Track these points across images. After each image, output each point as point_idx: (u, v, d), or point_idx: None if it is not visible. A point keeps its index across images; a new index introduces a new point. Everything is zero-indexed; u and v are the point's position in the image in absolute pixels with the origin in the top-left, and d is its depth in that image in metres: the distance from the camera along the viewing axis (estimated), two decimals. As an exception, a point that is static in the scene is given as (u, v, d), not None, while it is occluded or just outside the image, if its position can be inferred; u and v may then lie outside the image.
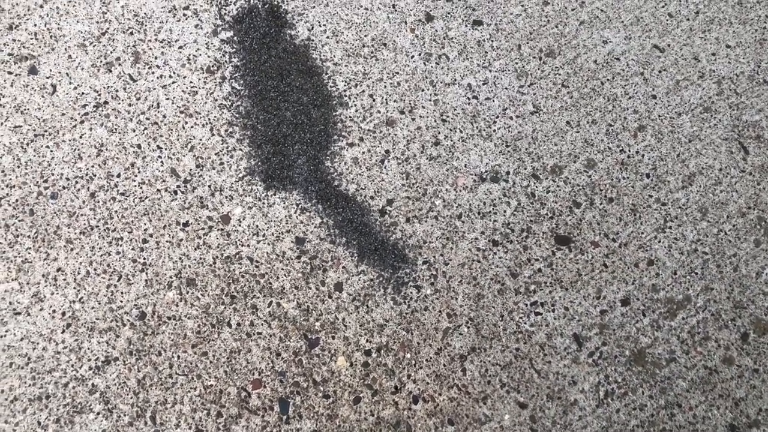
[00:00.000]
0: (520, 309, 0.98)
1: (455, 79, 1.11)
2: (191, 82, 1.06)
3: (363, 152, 1.05)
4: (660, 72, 1.16)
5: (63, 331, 0.91)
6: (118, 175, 0.99)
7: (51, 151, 0.99)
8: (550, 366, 0.96)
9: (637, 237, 1.04)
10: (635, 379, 0.97)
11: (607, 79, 1.14)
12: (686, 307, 1.01)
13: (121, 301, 0.93)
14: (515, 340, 0.97)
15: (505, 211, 1.04)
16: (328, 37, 1.11)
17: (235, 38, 1.09)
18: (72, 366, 0.90)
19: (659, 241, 1.04)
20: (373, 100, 1.08)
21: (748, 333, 1.00)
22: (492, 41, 1.14)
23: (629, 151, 1.10)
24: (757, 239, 1.06)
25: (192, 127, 1.03)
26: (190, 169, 1.01)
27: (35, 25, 1.06)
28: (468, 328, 0.97)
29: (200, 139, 1.03)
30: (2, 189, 0.96)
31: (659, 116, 1.12)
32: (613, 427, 0.94)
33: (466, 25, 1.15)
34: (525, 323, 0.98)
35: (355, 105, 1.08)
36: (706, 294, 1.02)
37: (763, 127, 1.13)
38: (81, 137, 1.00)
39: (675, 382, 0.97)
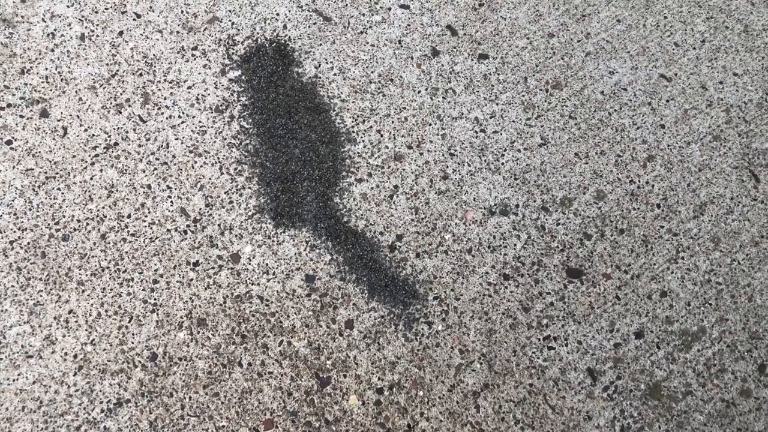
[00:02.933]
0: (533, 344, 0.98)
1: (462, 113, 1.12)
2: (200, 121, 1.07)
3: (372, 188, 1.05)
4: (668, 101, 1.16)
5: (75, 374, 0.91)
6: (129, 216, 1.00)
7: (62, 193, 0.99)
8: (564, 401, 0.95)
9: (649, 268, 1.04)
10: (651, 414, 0.95)
11: (615, 110, 1.14)
12: (701, 338, 1.00)
13: (133, 343, 0.93)
14: (528, 375, 0.96)
15: (515, 245, 1.03)
16: (335, 74, 1.12)
17: (243, 77, 1.10)
18: (84, 409, 0.89)
19: (672, 272, 1.03)
20: (381, 136, 1.09)
21: (766, 364, 0.99)
22: (498, 74, 1.15)
23: (639, 181, 1.09)
24: (771, 268, 1.05)
25: (201, 166, 1.04)
26: (200, 209, 1.01)
27: (46, 68, 1.07)
28: (480, 364, 0.96)
29: (209, 178, 1.03)
30: (14, 232, 0.97)
31: (668, 146, 1.12)
32: (630, 462, 0.93)
33: (472, 59, 1.15)
34: (538, 358, 0.97)
35: (363, 141, 1.08)
36: (721, 325, 1.01)
37: (773, 155, 1.13)
38: (92, 179, 1.01)
39: (692, 416, 0.96)
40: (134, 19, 1.12)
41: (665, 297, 1.02)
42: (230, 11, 1.14)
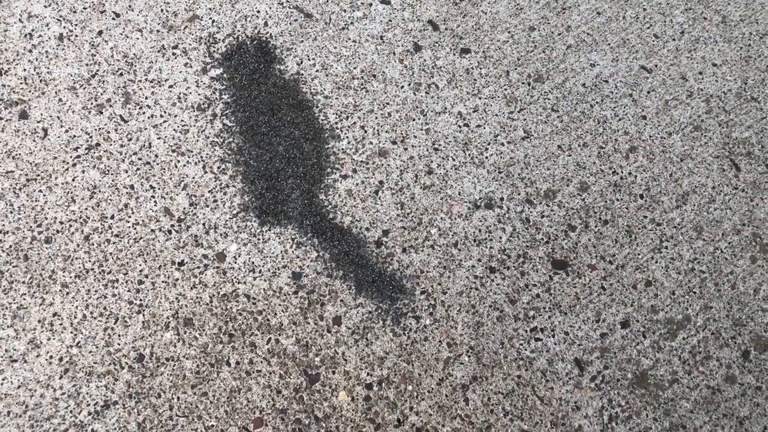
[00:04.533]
0: (520, 335, 0.98)
1: (446, 108, 1.12)
2: (182, 120, 1.06)
3: (357, 184, 1.05)
4: (648, 93, 1.16)
5: (61, 377, 0.90)
6: (112, 217, 0.99)
7: (44, 195, 0.98)
8: (552, 392, 0.95)
9: (633, 258, 1.04)
10: (639, 402, 0.96)
11: (597, 102, 1.15)
12: (686, 327, 1.01)
13: (119, 344, 0.92)
14: (516, 367, 0.96)
15: (500, 238, 1.04)
16: (317, 71, 1.12)
17: (224, 75, 1.10)
18: (71, 412, 0.88)
19: (656, 262, 1.04)
20: (365, 132, 1.09)
21: (749, 350, 1.00)
22: (480, 69, 1.15)
23: (622, 172, 1.10)
24: (753, 256, 1.06)
25: (184, 165, 1.03)
26: (184, 208, 1.01)
27: (25, 69, 1.06)
28: (469, 357, 0.96)
29: (193, 177, 1.02)
30: (-4, 235, 0.96)
31: (650, 137, 1.13)
32: (618, 451, 0.94)
33: (454, 54, 1.16)
34: (526, 350, 0.97)
35: (347, 137, 1.08)
36: (705, 313, 1.02)
37: (753, 144, 1.14)
38: (74, 180, 1.00)
39: (678, 404, 0.96)
40: (113, 19, 1.11)
41: (650, 286, 1.03)
42: (210, 9, 1.13)
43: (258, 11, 1.15)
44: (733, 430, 0.96)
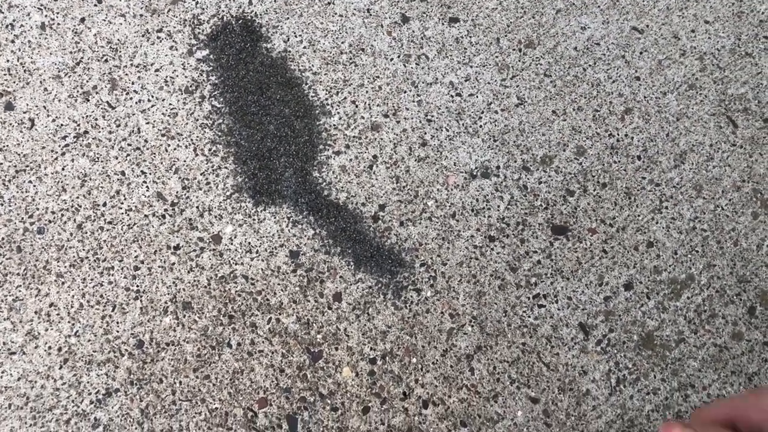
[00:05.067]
0: (523, 303, 0.97)
1: (437, 78, 1.10)
2: (170, 104, 1.05)
3: (350, 159, 1.04)
4: (641, 53, 1.15)
5: (60, 367, 0.89)
6: (104, 204, 0.98)
7: (34, 185, 0.97)
8: (558, 358, 0.94)
9: (634, 220, 1.03)
10: (646, 364, 0.95)
11: (589, 65, 1.13)
12: (690, 286, 1.00)
13: (118, 331, 0.91)
14: (521, 334, 0.95)
15: (498, 206, 1.02)
16: (304, 47, 1.10)
17: (211, 56, 1.08)
18: (72, 402, 0.87)
19: (657, 223, 1.03)
20: (356, 106, 1.07)
21: (755, 306, 0.99)
22: (470, 37, 1.13)
23: (618, 134, 1.09)
24: (755, 212, 1.05)
25: (175, 149, 1.02)
26: (177, 192, 0.99)
27: (8, 60, 1.04)
28: (472, 326, 0.95)
29: (184, 161, 1.01)
30: (-13, 228, 0.94)
31: (645, 97, 1.12)
32: (627, 414, 0.93)
33: (443, 24, 1.14)
34: (529, 317, 0.96)
35: (338, 113, 1.06)
36: (708, 271, 1.01)
37: (749, 99, 1.13)
38: (63, 169, 0.99)
39: (686, 363, 0.96)
40: (95, 5, 1.09)
41: (652, 247, 1.01)
42: (193, -10, 1.12)
43: (241, -10, 1.13)
44: (743, 386, 0.95)
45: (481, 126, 1.08)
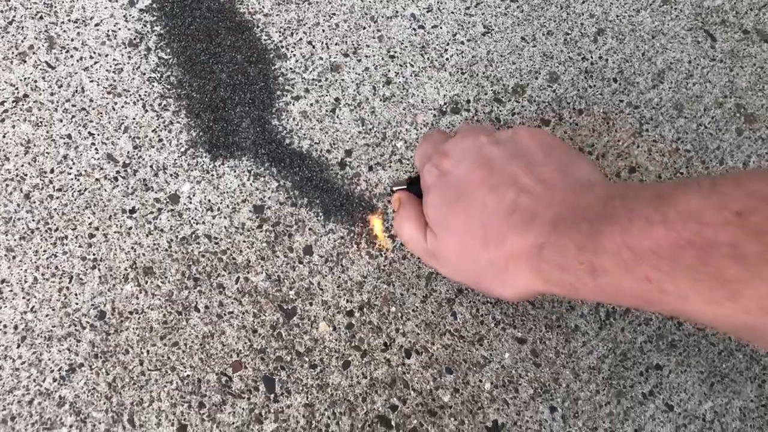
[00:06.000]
0: (503, 241, 0.92)
1: (397, 11, 1.03)
2: (114, 59, 0.98)
3: (311, 104, 0.97)
4: (611, -30, 1.08)
5: (18, 346, 0.84)
6: (52, 171, 0.91)
7: (-27, 156, 0.91)
8: (544, 295, 0.90)
9: (614, 146, 0.98)
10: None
11: (557, -13, 1.07)
12: (676, 209, 0.95)
13: (77, 304, 0.86)
14: (503, 273, 0.91)
15: (471, 142, 0.97)
16: (254, -11, 1.03)
17: (154, 5, 1.01)
18: (34, 381, 0.82)
19: (638, 147, 0.98)
20: (313, 47, 1.01)
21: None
22: (429, -35, 1.07)
23: (592, 57, 1.03)
24: (739, 128, 1.00)
25: (122, 106, 0.95)
26: (128, 152, 0.93)
27: (-67, 24, 0.97)
28: (451, 269, 0.90)
29: (133, 118, 0.94)
30: (-73, 206, 0.88)
31: (617, 16, 1.06)
32: (619, 347, 0.89)
33: (400, -47, 1.07)
34: (510, 255, 0.92)
35: (295, 55, 1.00)
36: (694, 193, 0.96)
37: (726, 11, 1.07)
38: (4, 137, 0.92)
39: (676, 290, 0.91)
40: (23, -42, 1.01)
41: (635, 173, 0.97)
42: (128, -65, 1.04)
43: (181, -68, 1.05)
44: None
45: (447, 59, 1.01)
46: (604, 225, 0.56)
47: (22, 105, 0.94)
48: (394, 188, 0.84)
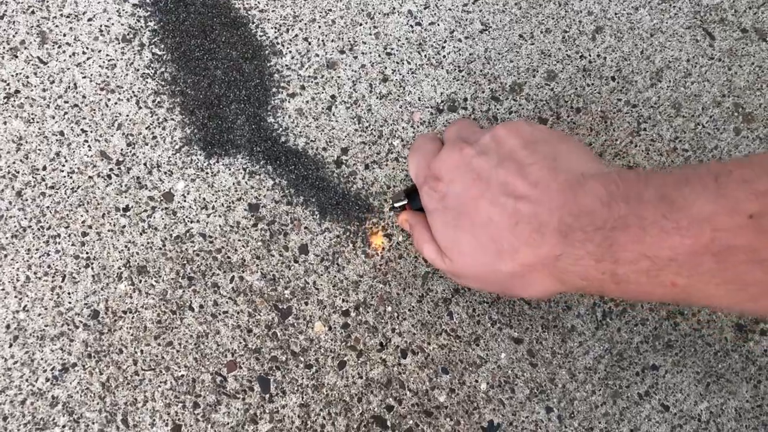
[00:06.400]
0: (500, 240, 0.92)
1: (394, 8, 1.02)
2: (107, 55, 0.96)
3: (307, 101, 0.97)
4: (610, -33, 1.08)
5: (10, 346, 0.83)
6: (44, 168, 0.90)
7: (-35, 153, 0.89)
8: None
9: (612, 144, 0.97)
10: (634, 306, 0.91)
11: (555, -17, 1.06)
12: (673, 209, 0.95)
13: (70, 303, 0.85)
14: (500, 273, 0.90)
15: (468, 140, 0.96)
16: (249, -16, 1.02)
17: (147, 0, 0.99)
18: (26, 381, 0.82)
19: (635, 146, 0.98)
20: (309, 44, 1.00)
21: (742, 226, 0.95)
22: (427, -39, 1.06)
23: (590, 55, 1.02)
24: (737, 127, 1.00)
25: (116, 103, 0.94)
26: (121, 149, 0.92)
27: (-77, 18, 0.95)
28: (448, 269, 0.90)
29: (127, 115, 0.93)
30: None
31: (615, 14, 1.05)
32: (616, 347, 0.89)
33: (397, -52, 1.06)
34: (507, 254, 0.91)
35: (290, 52, 0.99)
36: (692, 193, 0.96)
37: (725, 9, 1.06)
38: (-4, 133, 0.91)
39: (673, 290, 0.91)
40: (15, -48, 1.00)
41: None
42: (122, -71, 1.02)
43: (175, -75, 1.04)
44: (734, 313, 0.91)
45: (444, 56, 1.01)
46: (617, 235, 0.55)
47: (14, 101, 0.93)
48: (396, 205, 0.83)
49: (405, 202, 0.82)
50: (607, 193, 0.58)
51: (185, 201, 0.90)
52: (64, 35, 0.97)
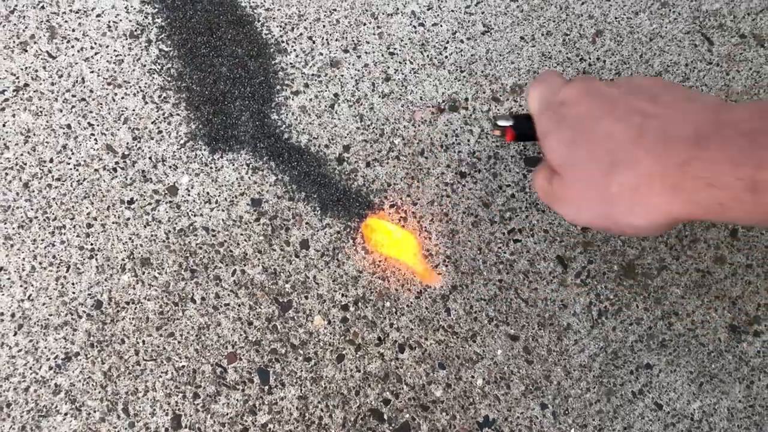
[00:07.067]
0: (498, 239, 0.93)
1: (398, 8, 1.04)
2: (115, 50, 0.98)
3: (310, 99, 0.98)
4: (611, -28, 1.09)
5: (15, 334, 0.84)
6: (51, 160, 0.92)
7: (-27, 144, 0.91)
8: (537, 293, 0.91)
9: (609, 147, 0.99)
10: (627, 294, 0.92)
11: (557, -13, 1.07)
12: (670, 211, 0.96)
13: (74, 293, 0.87)
14: (497, 271, 0.92)
15: (468, 140, 0.98)
16: (255, -17, 1.03)
17: (155, -3, 1.01)
18: (30, 368, 0.83)
19: (633, 148, 0.99)
20: (313, 42, 1.01)
21: (737, 229, 0.96)
22: (430, -37, 1.07)
23: (590, 58, 1.04)
24: (734, 131, 1.01)
25: (122, 98, 0.95)
26: (127, 143, 0.93)
27: (-65, 12, 0.97)
28: (446, 266, 0.91)
29: (133, 110, 0.95)
30: (-74, 193, 0.88)
31: (616, 18, 1.06)
32: (611, 346, 0.90)
33: (401, -50, 1.07)
34: (505, 253, 0.93)
35: (295, 50, 1.00)
36: (688, 195, 0.97)
37: (724, 15, 1.08)
38: (4, 126, 0.92)
39: (669, 291, 0.93)
40: (26, -52, 1.02)
41: (629, 174, 0.97)
42: (131, -73, 1.04)
43: (183, -76, 1.05)
44: (727, 310, 0.92)
45: (446, 57, 1.02)
46: (766, 140, 0.52)
47: (23, 94, 0.94)
48: (499, 123, 0.78)
49: (511, 123, 0.77)
50: (759, 109, 0.56)
51: (189, 195, 0.92)
52: (73, 30, 0.99)
